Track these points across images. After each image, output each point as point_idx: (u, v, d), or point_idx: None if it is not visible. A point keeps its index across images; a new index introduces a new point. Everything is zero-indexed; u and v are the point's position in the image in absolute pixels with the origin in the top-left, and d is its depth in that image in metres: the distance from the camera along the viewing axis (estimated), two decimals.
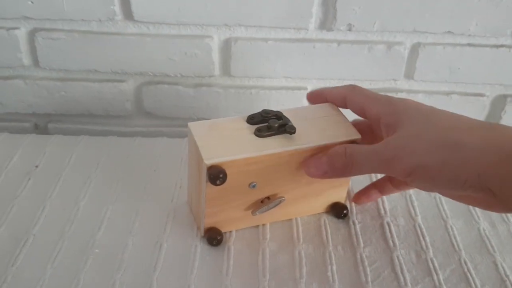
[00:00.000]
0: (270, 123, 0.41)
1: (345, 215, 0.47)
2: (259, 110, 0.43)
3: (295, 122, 0.42)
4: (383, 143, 0.37)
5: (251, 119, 0.42)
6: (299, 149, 0.41)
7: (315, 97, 0.46)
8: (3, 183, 0.50)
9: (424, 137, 0.34)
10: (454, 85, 0.59)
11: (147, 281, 0.41)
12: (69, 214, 0.47)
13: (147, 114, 0.61)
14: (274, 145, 0.40)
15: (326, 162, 0.39)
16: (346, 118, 0.44)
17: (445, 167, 0.33)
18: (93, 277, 0.41)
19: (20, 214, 0.47)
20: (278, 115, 0.42)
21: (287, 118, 0.42)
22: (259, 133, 0.41)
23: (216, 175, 0.38)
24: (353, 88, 0.43)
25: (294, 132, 0.41)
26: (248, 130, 0.42)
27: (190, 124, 0.42)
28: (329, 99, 0.45)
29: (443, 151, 0.33)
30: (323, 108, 0.45)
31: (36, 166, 0.53)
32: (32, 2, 0.53)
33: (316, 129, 0.42)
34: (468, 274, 0.43)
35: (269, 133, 0.41)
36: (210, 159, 0.38)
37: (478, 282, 0.42)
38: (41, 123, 0.62)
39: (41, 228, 0.45)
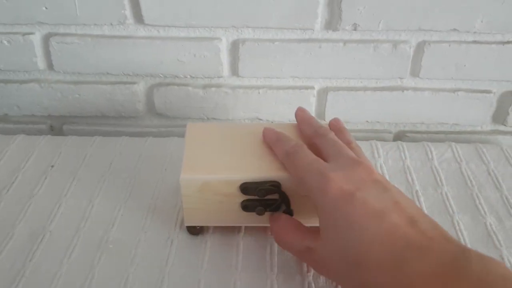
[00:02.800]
0: (257, 211, 0.42)
1: None
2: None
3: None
4: (306, 249, 0.37)
5: (244, 190, 0.42)
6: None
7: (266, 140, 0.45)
8: (20, 182, 0.52)
9: (336, 267, 0.34)
10: (460, 82, 0.60)
11: (159, 275, 0.42)
12: (83, 212, 0.48)
13: (158, 114, 0.63)
14: (258, 220, 0.43)
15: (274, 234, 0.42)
16: None
17: None
18: (107, 272, 0.42)
19: (37, 211, 0.48)
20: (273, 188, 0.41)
21: (284, 194, 0.42)
22: (244, 209, 0.43)
23: (193, 231, 0.46)
24: (287, 155, 0.40)
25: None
26: (236, 199, 0.42)
27: (181, 178, 0.41)
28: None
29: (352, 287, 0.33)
30: None
31: (52, 166, 0.55)
32: (46, 8, 0.54)
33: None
34: None
35: (255, 211, 0.42)
36: (189, 222, 0.44)
37: None
38: (56, 125, 0.64)
39: (57, 225, 0.47)
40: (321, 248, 0.35)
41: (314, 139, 0.42)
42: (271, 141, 0.44)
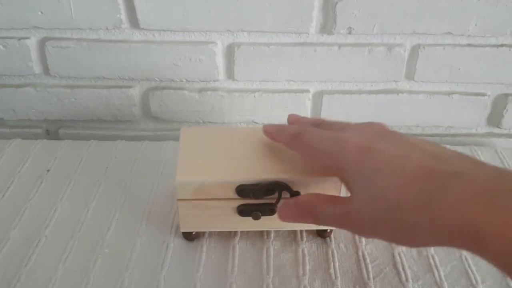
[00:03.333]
0: (253, 216, 0.42)
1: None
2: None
3: None
4: (341, 214, 0.35)
5: (241, 192, 0.41)
6: (278, 229, 0.45)
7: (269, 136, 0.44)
8: (16, 186, 0.52)
9: (373, 218, 0.33)
10: (455, 85, 0.60)
11: (155, 279, 0.42)
12: (79, 216, 0.48)
13: (154, 118, 0.63)
14: (253, 224, 0.43)
15: (296, 215, 0.39)
16: None
17: (403, 244, 0.34)
18: (103, 276, 0.42)
19: (33, 216, 0.48)
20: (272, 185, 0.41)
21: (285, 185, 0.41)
22: (240, 214, 0.43)
23: (189, 237, 0.46)
24: (293, 137, 0.40)
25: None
26: (232, 204, 0.42)
27: (177, 180, 0.41)
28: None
29: (393, 234, 0.32)
30: None
31: (48, 170, 0.54)
32: (41, 12, 0.54)
33: None
34: (469, 270, 0.43)
35: (251, 216, 0.42)
36: (185, 228, 0.45)
37: (478, 278, 0.43)
38: (52, 129, 0.64)
39: (53, 229, 0.47)
40: (354, 207, 0.34)
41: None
42: (273, 131, 0.42)
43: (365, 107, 0.61)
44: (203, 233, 0.47)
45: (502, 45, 0.57)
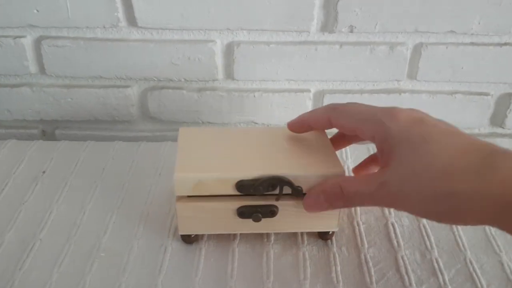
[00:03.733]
0: (254, 218, 0.41)
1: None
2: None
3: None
4: (377, 187, 0.35)
5: (241, 188, 0.40)
6: (278, 232, 0.45)
7: (298, 127, 0.44)
8: (11, 188, 0.51)
9: (416, 185, 0.33)
10: (457, 85, 0.59)
11: (152, 283, 0.41)
12: (75, 219, 0.47)
13: (152, 118, 0.62)
14: (253, 227, 0.42)
15: (325, 201, 0.39)
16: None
17: (439, 218, 0.33)
18: (99, 280, 0.41)
19: (28, 218, 0.47)
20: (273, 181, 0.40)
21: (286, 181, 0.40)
22: (240, 216, 0.42)
23: (188, 240, 0.44)
24: (333, 109, 0.41)
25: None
26: (231, 205, 0.41)
27: (175, 177, 0.40)
28: (313, 126, 0.43)
29: (435, 203, 0.32)
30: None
31: (43, 172, 0.53)
32: (37, 11, 0.53)
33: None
34: (474, 274, 0.42)
35: (252, 218, 0.41)
36: (184, 230, 0.43)
37: (484, 282, 0.42)
38: (48, 130, 0.63)
39: (48, 232, 0.46)
40: (395, 176, 0.34)
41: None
42: (304, 118, 0.42)
43: None
44: (202, 235, 0.46)
45: (505, 44, 0.56)
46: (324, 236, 0.45)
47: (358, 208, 0.49)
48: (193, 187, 0.40)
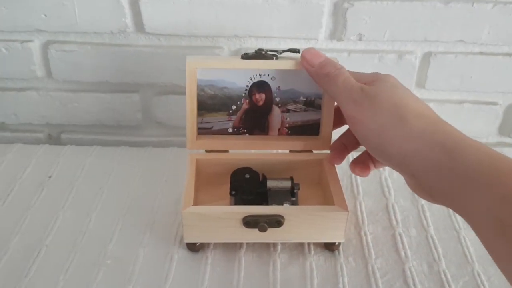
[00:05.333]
0: (260, 228, 0.42)
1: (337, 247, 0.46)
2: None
3: None
4: (359, 92, 0.39)
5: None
6: (284, 242, 0.45)
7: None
8: (17, 193, 0.51)
9: (383, 106, 0.37)
10: (466, 94, 0.59)
11: None
12: (81, 225, 0.47)
13: (158, 124, 0.62)
14: (259, 236, 0.42)
15: (323, 58, 0.43)
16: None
17: (382, 138, 0.37)
18: None
19: (34, 224, 0.47)
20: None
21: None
22: (246, 225, 0.42)
23: (193, 248, 0.45)
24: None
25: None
26: (237, 215, 0.42)
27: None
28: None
29: (390, 124, 0.37)
30: None
31: (50, 177, 0.53)
32: (45, 16, 0.53)
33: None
34: (482, 287, 0.42)
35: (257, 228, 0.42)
36: (189, 239, 0.44)
37: None
38: (54, 134, 0.63)
39: (54, 239, 0.46)
40: (373, 91, 0.38)
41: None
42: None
43: None
44: (208, 244, 0.45)
45: None
46: (330, 247, 0.45)
47: (365, 218, 0.49)
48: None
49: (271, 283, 0.42)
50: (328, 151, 0.48)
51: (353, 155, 0.57)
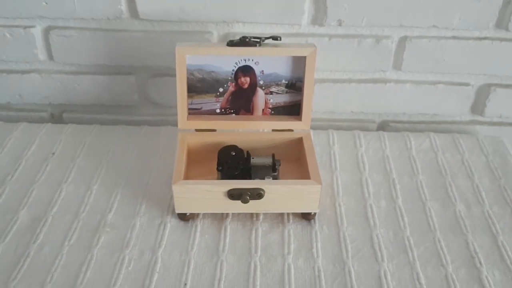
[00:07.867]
0: (242, 199, 0.47)
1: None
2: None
3: None
4: None
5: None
6: (265, 212, 0.50)
7: None
8: (23, 169, 0.56)
9: None
10: (440, 76, 0.63)
11: (153, 256, 0.46)
12: (83, 197, 0.52)
13: (153, 104, 0.66)
14: (243, 207, 0.47)
15: None
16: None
17: None
18: (105, 253, 0.46)
19: (39, 197, 0.52)
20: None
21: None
22: (230, 197, 0.47)
23: (184, 218, 0.49)
24: None
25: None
26: (222, 188, 0.47)
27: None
28: None
29: None
30: None
31: (53, 153, 0.58)
32: (46, 3, 0.57)
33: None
34: (441, 252, 0.47)
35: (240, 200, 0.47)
36: (180, 209, 0.48)
37: (448, 259, 0.46)
38: (56, 113, 0.67)
39: (58, 210, 0.51)
40: None
41: None
42: None
43: (355, 95, 0.64)
44: (197, 214, 0.50)
45: (485, 38, 0.59)
46: (307, 217, 0.50)
47: (340, 191, 0.54)
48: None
49: (253, 248, 0.47)
50: (308, 130, 0.53)
51: (336, 136, 0.62)
